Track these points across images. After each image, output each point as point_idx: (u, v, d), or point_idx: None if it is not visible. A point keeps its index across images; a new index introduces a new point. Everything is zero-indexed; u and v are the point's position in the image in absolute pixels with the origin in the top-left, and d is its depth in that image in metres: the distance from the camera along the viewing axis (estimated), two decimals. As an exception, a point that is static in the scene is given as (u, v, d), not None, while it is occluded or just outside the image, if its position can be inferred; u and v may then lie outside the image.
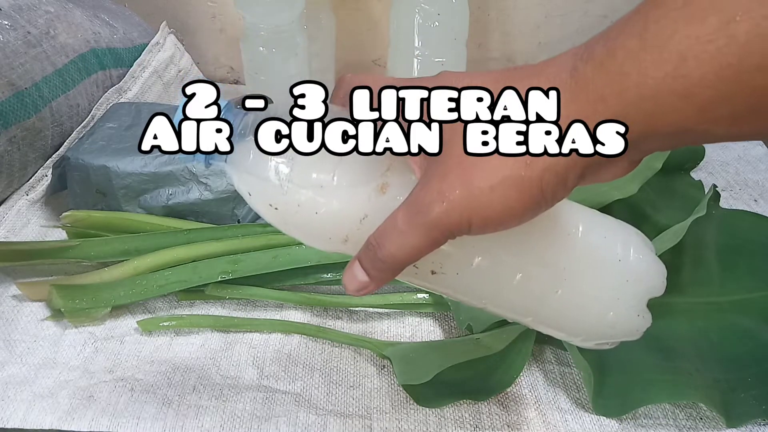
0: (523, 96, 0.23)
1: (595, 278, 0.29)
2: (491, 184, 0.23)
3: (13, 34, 0.54)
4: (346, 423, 0.38)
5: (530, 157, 0.22)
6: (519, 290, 0.29)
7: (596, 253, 0.29)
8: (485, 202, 0.23)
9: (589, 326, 0.30)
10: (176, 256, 0.46)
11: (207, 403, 0.39)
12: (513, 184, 0.23)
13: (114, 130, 0.56)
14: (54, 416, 0.38)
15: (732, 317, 0.42)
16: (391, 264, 0.25)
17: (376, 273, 0.26)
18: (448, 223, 0.24)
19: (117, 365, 0.42)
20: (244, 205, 0.52)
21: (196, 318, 0.45)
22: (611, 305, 0.29)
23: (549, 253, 0.28)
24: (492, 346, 0.40)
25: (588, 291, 0.29)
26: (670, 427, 0.38)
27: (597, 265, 0.29)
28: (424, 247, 0.25)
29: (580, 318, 0.30)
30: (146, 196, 0.52)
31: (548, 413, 0.39)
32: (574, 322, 0.30)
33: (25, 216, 0.54)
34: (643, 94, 0.20)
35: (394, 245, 0.25)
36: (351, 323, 0.46)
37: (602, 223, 0.31)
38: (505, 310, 0.30)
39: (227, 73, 0.85)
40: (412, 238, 0.24)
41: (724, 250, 0.45)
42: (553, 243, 0.28)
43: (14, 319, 0.45)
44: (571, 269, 0.29)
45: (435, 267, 0.28)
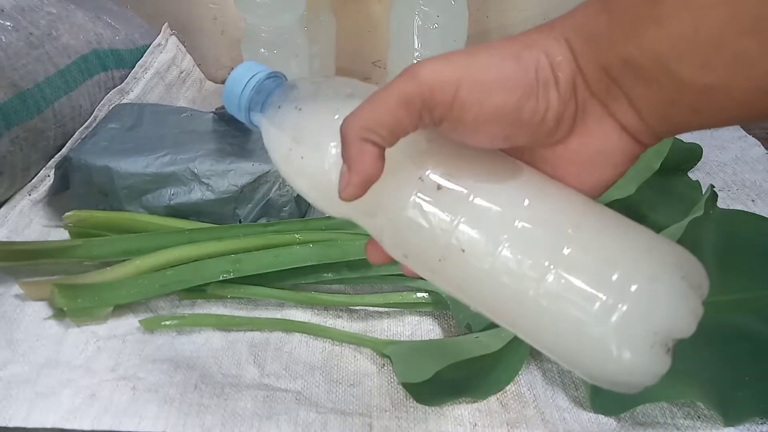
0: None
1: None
2: (490, 53, 0.23)
3: (16, 35, 0.54)
4: (347, 421, 0.38)
5: (532, 42, 0.24)
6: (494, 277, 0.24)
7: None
8: (481, 65, 0.23)
9: (574, 348, 0.23)
10: (178, 255, 0.47)
11: (208, 401, 0.39)
12: (511, 57, 0.23)
13: (116, 130, 0.56)
14: (56, 415, 0.38)
15: (730, 317, 0.43)
16: (350, 127, 0.23)
17: (344, 153, 0.24)
18: (435, 78, 0.23)
19: (119, 364, 0.42)
20: (246, 205, 0.52)
21: (198, 317, 0.46)
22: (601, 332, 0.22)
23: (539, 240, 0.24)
24: (491, 344, 0.40)
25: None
26: (668, 426, 0.38)
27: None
28: (393, 105, 0.23)
29: (563, 336, 0.23)
30: (148, 196, 0.52)
31: (547, 411, 0.39)
32: (556, 340, 0.24)
33: (28, 216, 0.54)
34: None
35: (370, 99, 0.23)
36: (351, 322, 0.46)
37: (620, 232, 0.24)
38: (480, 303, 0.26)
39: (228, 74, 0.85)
40: (382, 94, 0.23)
41: (721, 250, 0.45)
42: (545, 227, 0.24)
43: (17, 318, 0.45)
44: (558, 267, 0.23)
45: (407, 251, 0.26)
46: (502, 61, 0.23)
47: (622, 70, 0.23)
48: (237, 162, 0.52)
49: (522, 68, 0.23)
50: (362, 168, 0.24)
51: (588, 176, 0.26)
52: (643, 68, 0.22)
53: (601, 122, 0.24)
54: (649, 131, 0.24)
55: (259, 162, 0.52)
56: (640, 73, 0.22)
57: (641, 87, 0.23)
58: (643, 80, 0.22)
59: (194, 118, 0.59)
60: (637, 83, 0.23)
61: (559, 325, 0.23)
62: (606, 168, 0.25)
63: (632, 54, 0.22)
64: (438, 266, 0.25)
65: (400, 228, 0.26)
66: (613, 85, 0.23)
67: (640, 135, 0.24)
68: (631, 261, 0.23)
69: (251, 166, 0.52)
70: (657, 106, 0.23)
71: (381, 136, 0.23)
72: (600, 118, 0.24)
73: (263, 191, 0.52)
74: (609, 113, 0.24)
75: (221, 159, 0.52)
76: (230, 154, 0.53)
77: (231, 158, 0.52)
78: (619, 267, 0.23)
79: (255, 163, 0.52)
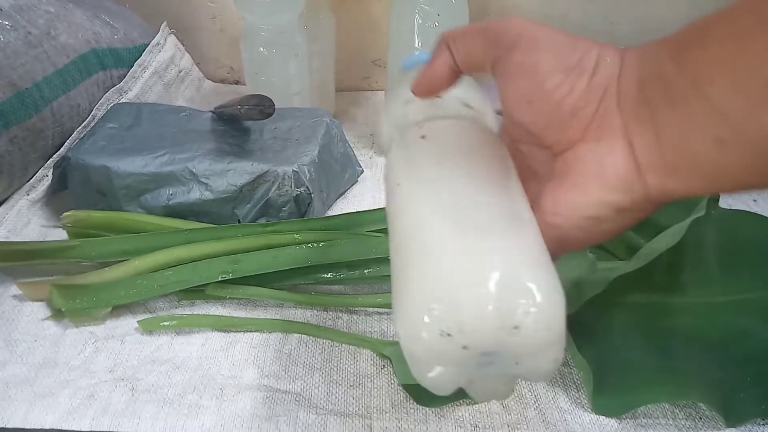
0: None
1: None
2: (558, 30, 0.26)
3: (14, 35, 0.54)
4: (346, 422, 0.38)
5: (594, 41, 0.26)
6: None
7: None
8: (546, 31, 0.26)
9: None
10: (177, 256, 0.46)
11: (207, 402, 0.39)
12: (571, 37, 0.26)
13: (115, 130, 0.56)
14: (54, 416, 0.38)
15: (732, 317, 0.42)
16: (447, 32, 0.29)
17: (437, 50, 0.29)
18: (509, 24, 0.27)
19: (118, 365, 0.42)
20: (245, 205, 0.52)
21: (197, 318, 0.45)
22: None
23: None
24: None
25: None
26: (669, 427, 0.38)
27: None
28: (475, 31, 0.28)
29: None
30: (147, 196, 0.52)
31: (548, 412, 0.39)
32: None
33: (26, 216, 0.54)
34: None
35: (458, 28, 0.29)
36: (351, 323, 0.46)
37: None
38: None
39: (227, 74, 0.85)
40: (476, 26, 0.28)
41: (723, 250, 0.45)
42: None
43: (15, 318, 0.45)
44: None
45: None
46: (562, 35, 0.26)
47: (656, 86, 0.23)
48: (236, 162, 0.52)
49: (572, 48, 0.25)
50: (433, 71, 0.29)
51: (581, 195, 0.25)
52: (676, 86, 0.23)
53: (614, 136, 0.25)
54: (659, 161, 0.24)
55: (258, 162, 0.52)
56: (672, 92, 0.23)
57: (669, 107, 0.23)
58: (674, 100, 0.23)
59: (193, 118, 0.59)
60: (667, 102, 0.23)
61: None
62: (596, 189, 0.25)
63: (669, 71, 0.23)
64: (395, 188, 0.29)
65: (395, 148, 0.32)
66: (642, 104, 0.24)
67: (646, 165, 0.24)
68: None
69: (250, 165, 0.51)
70: (679, 131, 0.23)
71: (457, 48, 0.28)
72: (614, 132, 0.25)
73: (262, 191, 0.52)
74: (625, 132, 0.25)
75: (220, 159, 0.52)
76: (229, 154, 0.53)
77: (230, 158, 0.52)
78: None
79: (254, 163, 0.52)
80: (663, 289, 0.43)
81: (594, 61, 0.25)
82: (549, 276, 0.23)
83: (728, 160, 0.22)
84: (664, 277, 0.43)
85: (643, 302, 0.43)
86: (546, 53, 0.25)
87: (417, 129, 0.31)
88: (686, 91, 0.22)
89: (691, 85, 0.22)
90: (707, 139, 0.22)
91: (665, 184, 0.24)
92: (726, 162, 0.22)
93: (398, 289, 0.25)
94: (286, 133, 0.56)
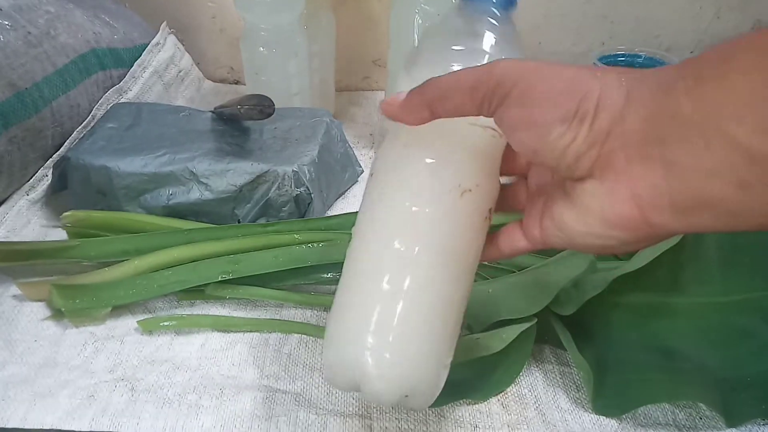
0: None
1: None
2: (555, 65, 0.25)
3: (14, 35, 0.54)
4: (346, 422, 0.38)
5: (597, 71, 0.24)
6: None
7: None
8: (543, 74, 0.24)
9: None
10: (176, 256, 0.46)
11: (207, 402, 0.39)
12: (570, 76, 0.24)
13: (114, 130, 0.56)
14: (54, 416, 0.38)
15: (732, 317, 0.42)
16: (431, 86, 0.26)
17: (414, 94, 0.27)
18: (504, 73, 0.25)
19: (117, 365, 0.42)
20: (244, 205, 0.52)
21: (197, 318, 0.45)
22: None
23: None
24: (491, 345, 0.40)
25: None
26: (669, 427, 0.38)
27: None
28: (467, 83, 0.25)
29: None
30: (147, 196, 0.52)
31: (548, 413, 0.39)
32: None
33: (26, 216, 0.54)
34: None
35: (447, 76, 0.26)
36: (351, 323, 0.46)
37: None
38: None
39: (227, 73, 0.85)
40: (465, 74, 0.26)
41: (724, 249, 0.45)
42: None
43: (15, 319, 0.45)
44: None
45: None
46: (557, 75, 0.24)
47: (669, 124, 0.21)
48: (236, 161, 0.52)
49: (569, 93, 0.24)
50: (408, 119, 0.28)
51: (584, 226, 0.26)
52: (692, 124, 0.21)
53: (617, 178, 0.24)
54: (666, 202, 0.22)
55: (258, 161, 0.52)
56: (687, 131, 0.21)
57: (683, 147, 0.21)
58: (689, 139, 0.21)
59: (193, 118, 0.59)
60: (680, 142, 0.21)
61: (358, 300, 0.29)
62: (598, 225, 0.25)
63: (684, 108, 0.21)
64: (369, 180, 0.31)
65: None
66: (650, 144, 0.22)
67: (651, 207, 0.23)
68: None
69: (250, 165, 0.51)
70: (694, 173, 0.21)
71: (444, 109, 0.27)
72: (617, 174, 0.23)
73: (262, 191, 0.51)
74: (629, 173, 0.23)
75: (220, 158, 0.52)
76: (229, 154, 0.53)
77: (230, 158, 0.52)
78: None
79: (254, 163, 0.52)
80: (663, 289, 0.43)
81: (594, 105, 0.23)
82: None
83: (751, 203, 0.20)
84: (664, 277, 0.43)
85: (643, 302, 0.43)
86: (542, 106, 0.24)
87: (405, 135, 0.30)
88: (705, 130, 0.20)
89: (711, 125, 0.20)
90: (729, 181, 0.20)
91: (671, 225, 0.23)
92: (747, 205, 0.20)
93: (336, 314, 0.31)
94: (286, 133, 0.56)
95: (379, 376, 0.28)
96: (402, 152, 0.30)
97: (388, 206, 0.30)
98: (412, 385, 0.28)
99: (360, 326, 0.28)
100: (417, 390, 0.29)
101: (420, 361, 0.29)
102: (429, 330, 0.29)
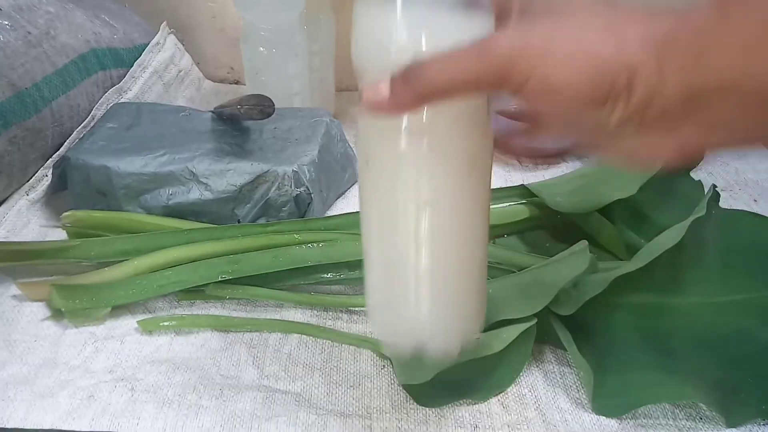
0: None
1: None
2: (574, 50, 0.21)
3: (14, 35, 0.54)
4: (346, 423, 0.38)
5: (623, 45, 0.21)
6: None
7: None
8: (564, 52, 0.21)
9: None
10: (176, 256, 0.46)
11: (207, 402, 0.39)
12: (596, 57, 0.21)
13: (114, 130, 0.56)
14: (54, 416, 0.38)
15: (732, 317, 0.42)
16: (422, 80, 0.22)
17: (401, 88, 0.23)
18: (510, 61, 0.21)
19: (117, 365, 0.42)
20: (244, 205, 0.52)
21: (196, 318, 0.45)
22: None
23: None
24: (492, 345, 0.40)
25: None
26: (669, 427, 0.38)
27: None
28: (467, 76, 0.22)
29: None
30: (146, 196, 0.52)
31: (548, 413, 0.39)
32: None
33: (26, 216, 0.54)
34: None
35: (438, 64, 0.22)
36: (351, 323, 0.46)
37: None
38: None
39: (227, 73, 0.85)
40: (462, 62, 0.22)
41: (724, 250, 0.45)
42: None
43: (14, 319, 0.45)
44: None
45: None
46: (580, 50, 0.21)
47: (719, 95, 0.20)
48: (236, 161, 0.52)
49: (595, 78, 0.21)
50: (403, 104, 0.24)
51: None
52: (749, 95, 0.20)
53: (662, 137, 0.22)
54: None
55: (258, 162, 0.52)
56: (742, 100, 0.20)
57: (736, 110, 0.20)
58: (744, 106, 0.20)
59: (193, 118, 0.59)
60: (734, 109, 0.20)
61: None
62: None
63: (740, 75, 0.19)
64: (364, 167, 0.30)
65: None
66: (697, 108, 0.21)
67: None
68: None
69: (250, 165, 0.51)
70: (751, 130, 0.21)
71: (443, 102, 0.23)
72: (661, 135, 0.22)
73: (262, 191, 0.51)
74: (673, 135, 0.22)
75: (220, 158, 0.52)
76: (229, 154, 0.53)
77: (229, 158, 0.52)
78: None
79: (254, 163, 0.52)
80: (663, 289, 0.43)
81: (626, 82, 0.21)
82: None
83: None
84: (664, 277, 0.43)
85: (643, 302, 0.43)
86: (566, 96, 0.21)
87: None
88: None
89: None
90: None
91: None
92: None
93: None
94: (286, 133, 0.56)
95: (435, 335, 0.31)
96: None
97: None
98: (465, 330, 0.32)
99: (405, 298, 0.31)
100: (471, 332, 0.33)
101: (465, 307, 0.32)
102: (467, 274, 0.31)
